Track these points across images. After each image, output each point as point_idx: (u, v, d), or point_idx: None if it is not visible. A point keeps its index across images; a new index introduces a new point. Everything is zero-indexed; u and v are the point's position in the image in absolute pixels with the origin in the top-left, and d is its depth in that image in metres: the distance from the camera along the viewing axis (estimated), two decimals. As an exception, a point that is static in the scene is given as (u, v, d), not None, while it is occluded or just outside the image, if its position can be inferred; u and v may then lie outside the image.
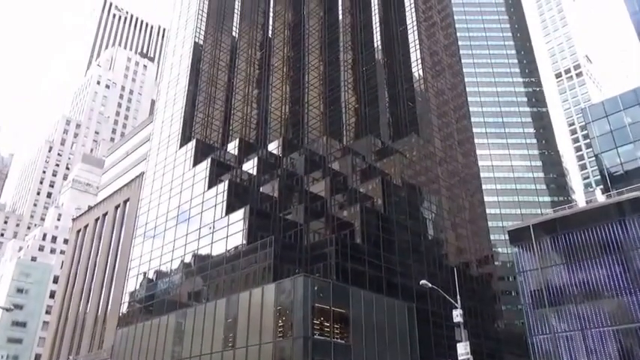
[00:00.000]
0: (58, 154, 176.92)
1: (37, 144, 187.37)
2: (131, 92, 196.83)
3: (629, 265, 41.04)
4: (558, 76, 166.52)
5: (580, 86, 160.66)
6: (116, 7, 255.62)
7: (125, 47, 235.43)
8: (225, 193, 53.95)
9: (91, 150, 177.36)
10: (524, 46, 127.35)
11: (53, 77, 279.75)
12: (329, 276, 45.57)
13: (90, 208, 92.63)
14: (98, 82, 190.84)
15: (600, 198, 59.22)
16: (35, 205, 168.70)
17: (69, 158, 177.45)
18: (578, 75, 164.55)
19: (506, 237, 53.30)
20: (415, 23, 69.88)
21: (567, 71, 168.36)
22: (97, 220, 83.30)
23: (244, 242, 48.90)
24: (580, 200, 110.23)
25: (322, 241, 50.97)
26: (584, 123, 73.32)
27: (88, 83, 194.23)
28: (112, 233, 76.67)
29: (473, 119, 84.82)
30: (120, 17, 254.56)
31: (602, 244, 42.98)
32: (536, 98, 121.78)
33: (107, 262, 74.45)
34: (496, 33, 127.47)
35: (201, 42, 75.20)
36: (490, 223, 77.69)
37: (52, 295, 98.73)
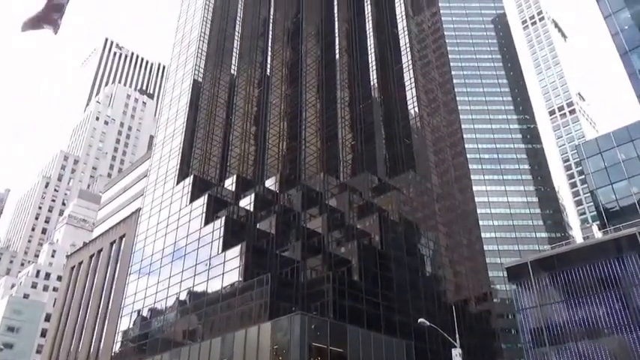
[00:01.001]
0: (55, 189, 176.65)
1: (33, 179, 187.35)
2: (130, 128, 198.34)
3: (628, 302, 40.77)
4: (552, 113, 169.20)
5: (574, 123, 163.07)
6: (117, 45, 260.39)
7: (125, 84, 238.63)
8: (222, 229, 53.75)
9: (88, 186, 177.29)
10: (517, 84, 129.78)
11: (52, 113, 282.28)
12: (326, 314, 44.99)
13: (85, 245, 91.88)
14: (97, 118, 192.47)
15: (597, 234, 59.22)
16: (30, 241, 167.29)
17: (65, 194, 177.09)
18: (572, 112, 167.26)
19: (505, 274, 53.06)
20: (410, 62, 71.29)
21: (561, 108, 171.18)
22: (91, 256, 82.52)
23: (240, 279, 48.43)
24: (577, 236, 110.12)
25: (319, 278, 50.52)
26: (578, 159, 74.07)
27: (87, 119, 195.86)
28: (107, 270, 75.86)
29: (469, 156, 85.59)
30: (120, 55, 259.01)
31: (600, 280, 42.82)
32: (530, 135, 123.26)
33: (101, 299, 73.37)
34: (490, 71, 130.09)
35: (200, 79, 76.35)
36: (488, 260, 77.37)
37: (44, 333, 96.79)
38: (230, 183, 63.96)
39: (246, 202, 59.41)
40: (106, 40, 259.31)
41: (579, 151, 64.19)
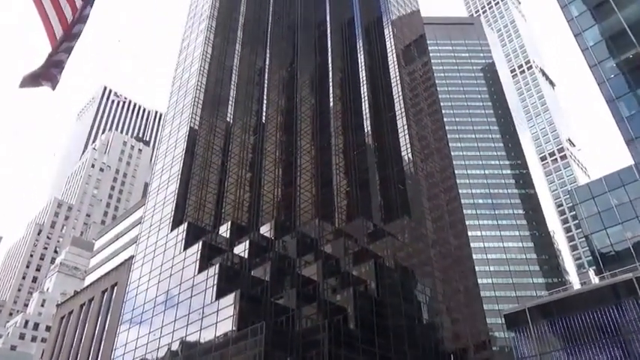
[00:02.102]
0: (48, 237, 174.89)
1: (25, 226, 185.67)
2: (125, 175, 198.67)
3: (628, 350, 40.20)
4: (543, 159, 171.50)
5: (565, 168, 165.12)
6: (115, 93, 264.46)
7: (122, 131, 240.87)
8: (216, 277, 53.15)
9: (81, 233, 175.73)
10: (508, 130, 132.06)
11: (48, 160, 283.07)
12: (322, 364, 43.94)
13: (76, 294, 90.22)
14: (93, 166, 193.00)
15: (594, 280, 58.97)
16: (19, 290, 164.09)
17: (58, 241, 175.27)
18: (563, 158, 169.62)
19: (503, 321, 52.32)
20: (403, 110, 72.64)
21: (552, 154, 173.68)
22: (82, 305, 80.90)
23: (234, 329, 47.51)
24: (574, 281, 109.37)
25: (315, 327, 49.63)
26: (571, 204, 74.55)
27: (82, 166, 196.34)
28: (97, 320, 74.23)
29: (463, 201, 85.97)
30: (118, 103, 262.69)
31: (600, 328, 42.31)
32: (523, 180, 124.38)
33: (90, 350, 71.43)
34: (481, 118, 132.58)
35: (196, 127, 77.29)
36: (485, 306, 76.38)
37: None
38: (225, 230, 63.70)
39: (241, 249, 58.99)
40: (105, 88, 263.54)
41: (572, 196, 64.76)
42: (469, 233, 80.00)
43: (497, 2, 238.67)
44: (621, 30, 48.79)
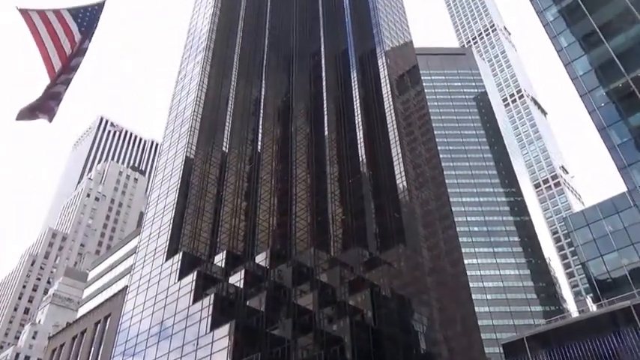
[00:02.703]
0: (41, 267, 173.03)
1: (19, 257, 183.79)
2: (120, 205, 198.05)
3: (628, 379, 39.79)
4: (537, 186, 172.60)
5: (559, 195, 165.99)
6: (112, 123, 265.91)
7: (118, 161, 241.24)
8: (211, 307, 52.63)
9: (75, 263, 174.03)
10: (502, 158, 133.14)
11: (43, 191, 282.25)
12: (318, 396, 43.16)
13: (68, 325, 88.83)
14: (88, 195, 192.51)
15: (592, 307, 58.70)
16: (11, 322, 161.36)
17: (51, 272, 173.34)
18: (557, 185, 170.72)
19: (501, 350, 51.80)
20: (397, 138, 73.24)
21: (545, 181, 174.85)
22: (74, 337, 79.57)
23: (229, 360, 46.79)
24: (572, 309, 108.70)
25: (311, 358, 48.95)
26: (567, 231, 74.72)
27: (78, 196, 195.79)
28: (90, 352, 72.94)
29: (459, 229, 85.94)
30: (114, 133, 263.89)
31: (599, 357, 41.97)
32: (518, 207, 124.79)
33: (82, 384, 70.00)
34: (474, 146, 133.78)
35: (192, 156, 77.65)
36: (483, 335, 75.60)
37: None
38: (220, 259, 63.34)
39: (236, 279, 58.56)
40: (101, 119, 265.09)
41: (567, 224, 65.02)
42: (465, 261, 79.77)
43: (488, 33, 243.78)
44: (610, 60, 49.89)
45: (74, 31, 13.87)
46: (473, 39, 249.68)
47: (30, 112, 12.11)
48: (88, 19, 14.24)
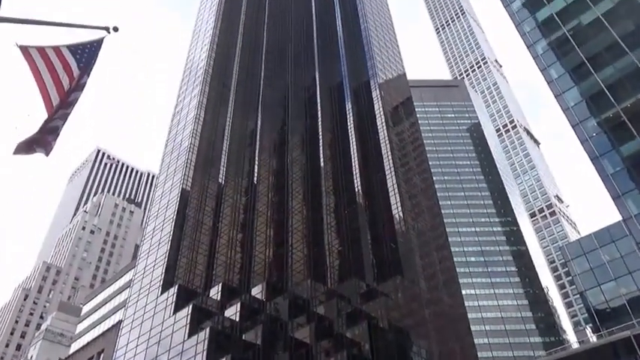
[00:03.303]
0: (34, 302, 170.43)
1: (12, 292, 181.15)
2: (115, 237, 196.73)
3: (630, 412, 39.12)
4: (533, 215, 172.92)
5: (555, 225, 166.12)
6: (108, 156, 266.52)
7: (114, 193, 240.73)
8: (206, 342, 51.83)
9: (69, 297, 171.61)
10: (497, 187, 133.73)
11: (38, 224, 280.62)
12: None
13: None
14: (83, 228, 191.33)
15: (592, 338, 58.10)
16: (2, 358, 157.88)
17: (44, 307, 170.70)
18: (552, 214, 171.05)
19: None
20: (392, 169, 73.68)
21: (541, 211, 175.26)
22: (67, 374, 77.90)
23: (225, 396, 45.82)
24: (572, 340, 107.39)
25: (308, 392, 48.00)
26: (564, 261, 74.58)
27: (73, 229, 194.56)
28: (82, 389, 71.33)
29: (455, 259, 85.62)
30: (111, 165, 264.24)
31: (600, 388, 41.36)
32: (514, 237, 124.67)
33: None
34: (469, 176, 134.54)
35: (188, 188, 77.72)
36: (483, 368, 74.54)
37: None
38: (215, 292, 62.70)
39: (232, 312, 57.86)
40: (98, 151, 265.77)
41: (564, 253, 64.94)
42: (463, 291, 79.24)
43: (480, 66, 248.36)
44: (600, 91, 50.92)
45: (73, 66, 14.11)
46: (465, 71, 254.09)
47: (27, 146, 12.20)
48: (87, 55, 14.50)
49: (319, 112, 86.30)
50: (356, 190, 75.05)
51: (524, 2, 61.66)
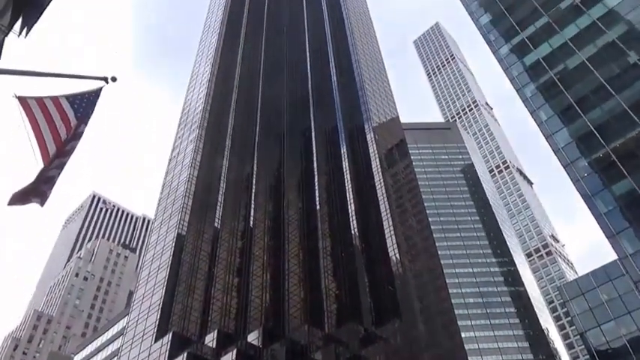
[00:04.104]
0: (24, 352, 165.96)
1: (0, 341, 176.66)
2: (109, 284, 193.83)
3: None
4: (529, 255, 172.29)
5: (552, 264, 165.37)
6: (104, 201, 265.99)
7: (108, 238, 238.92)
8: (201, 391, 50.45)
9: (60, 347, 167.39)
10: (492, 228, 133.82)
11: (30, 271, 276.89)
12: None
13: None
14: (77, 275, 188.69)
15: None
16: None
17: (34, 357, 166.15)
18: (548, 254, 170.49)
19: None
20: (388, 211, 73.89)
21: (537, 250, 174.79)
22: None
23: None
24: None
25: None
26: (562, 301, 73.91)
27: (66, 276, 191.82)
28: None
29: (454, 301, 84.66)
30: (106, 210, 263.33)
31: None
32: (512, 278, 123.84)
33: None
34: (465, 217, 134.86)
35: (184, 233, 77.41)
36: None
37: None
38: (211, 339, 61.45)
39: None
40: (94, 196, 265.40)
41: (562, 293, 64.43)
42: (462, 334, 78.01)
43: (471, 108, 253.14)
44: (589, 132, 51.97)
45: (70, 116, 14.39)
46: (457, 114, 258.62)
47: (22, 197, 12.27)
48: (85, 105, 14.82)
49: (315, 156, 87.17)
50: (352, 232, 74.96)
51: (512, 48, 63.64)
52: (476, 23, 71.23)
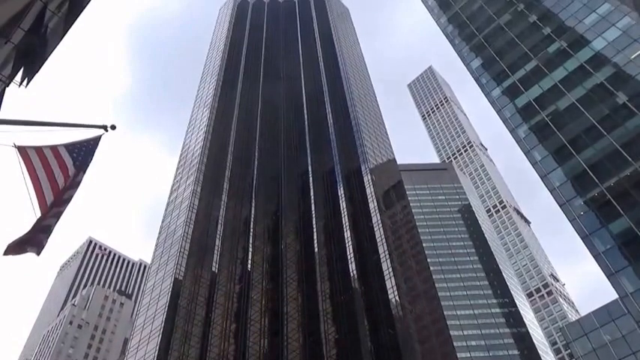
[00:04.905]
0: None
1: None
2: (104, 332, 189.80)
3: None
4: (530, 295, 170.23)
5: (553, 304, 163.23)
6: (100, 247, 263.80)
7: (104, 284, 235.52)
8: None
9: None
10: (492, 268, 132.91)
11: (23, 320, 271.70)
12: None
13: None
14: (71, 322, 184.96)
15: None
16: None
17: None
18: (549, 294, 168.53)
19: None
20: (387, 252, 73.50)
21: (538, 290, 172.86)
22: None
23: None
24: None
25: None
26: (565, 342, 72.66)
27: (60, 323, 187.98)
28: None
29: (456, 344, 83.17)
30: (102, 256, 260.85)
31: None
32: (513, 318, 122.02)
33: None
34: (464, 257, 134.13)
35: (181, 278, 76.61)
36: None
37: None
38: (208, 388, 59.95)
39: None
40: (90, 242, 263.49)
41: (565, 334, 63.43)
42: (466, 379, 76.23)
43: (466, 149, 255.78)
44: (583, 171, 52.45)
45: (69, 165, 14.54)
46: (453, 155, 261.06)
47: (18, 247, 12.25)
48: (83, 153, 14.99)
49: (312, 198, 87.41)
50: (351, 274, 74.32)
51: (503, 90, 65.01)
52: (467, 67, 72.98)
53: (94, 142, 14.88)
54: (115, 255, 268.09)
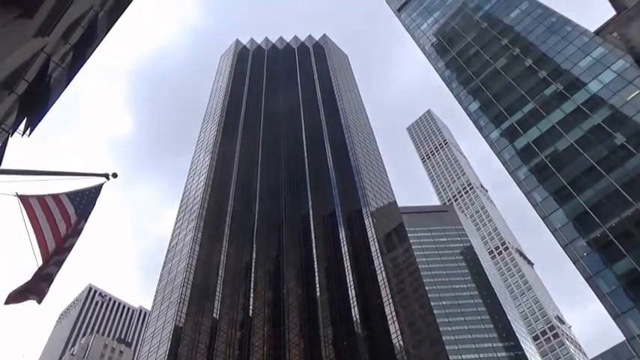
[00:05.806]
0: None
1: None
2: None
3: None
4: (536, 338, 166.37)
5: (560, 347, 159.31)
6: (100, 294, 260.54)
7: (104, 332, 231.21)
8: None
9: None
10: (496, 311, 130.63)
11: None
12: None
13: None
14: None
15: None
16: None
17: None
18: (555, 336, 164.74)
19: None
20: (390, 296, 72.58)
21: (544, 333, 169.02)
22: None
23: None
24: None
25: None
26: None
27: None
28: None
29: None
30: (102, 303, 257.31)
31: None
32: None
33: None
34: (467, 300, 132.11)
35: (181, 325, 75.36)
36: None
37: None
38: None
39: None
40: (90, 289, 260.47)
41: (574, 380, 61.73)
42: None
43: (467, 191, 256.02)
44: (584, 212, 52.29)
45: (70, 213, 14.67)
46: (453, 197, 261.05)
47: (20, 296, 12.24)
48: (85, 202, 15.13)
49: (314, 242, 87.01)
50: (354, 319, 73.15)
51: (502, 132, 65.68)
52: (465, 110, 74.02)
53: (95, 191, 15.03)
54: (115, 302, 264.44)
